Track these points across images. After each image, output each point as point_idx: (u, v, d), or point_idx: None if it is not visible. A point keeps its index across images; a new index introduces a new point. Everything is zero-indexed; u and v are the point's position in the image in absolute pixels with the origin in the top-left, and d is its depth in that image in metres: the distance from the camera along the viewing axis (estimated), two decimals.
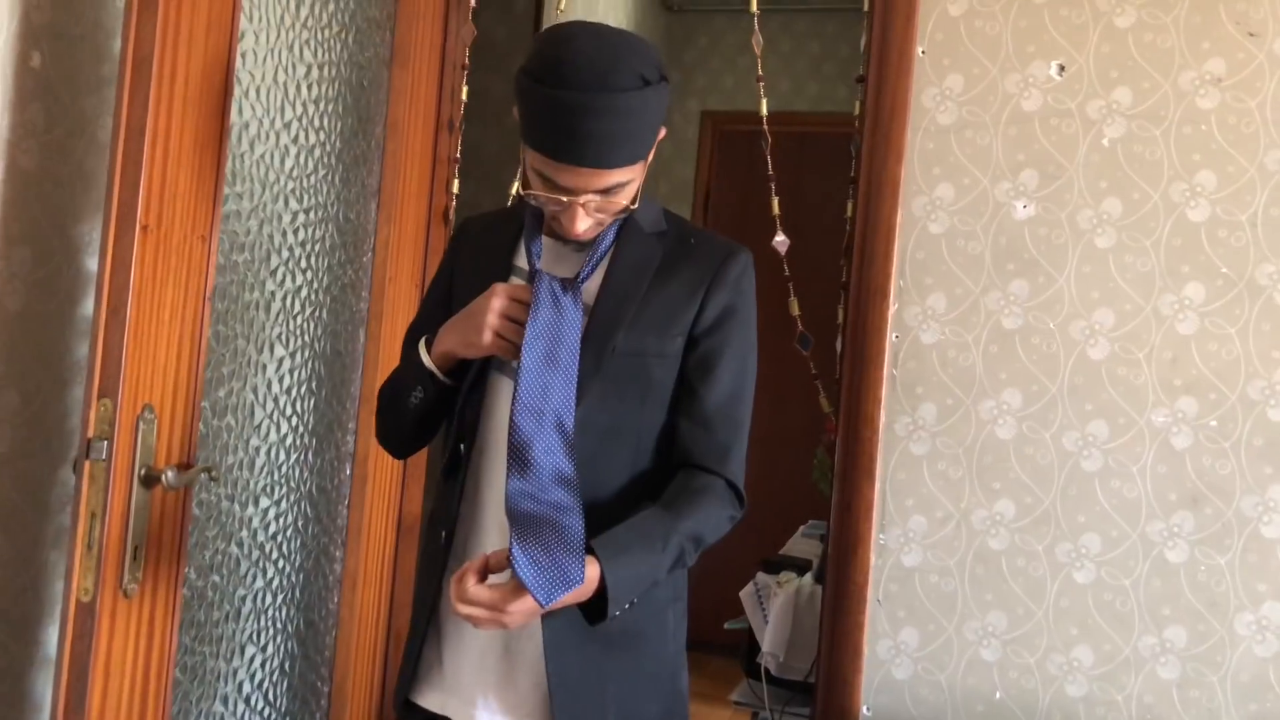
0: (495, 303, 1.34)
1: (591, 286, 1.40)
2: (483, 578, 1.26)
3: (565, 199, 1.31)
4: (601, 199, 1.32)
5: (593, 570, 1.25)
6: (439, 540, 1.42)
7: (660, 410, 1.41)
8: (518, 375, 1.33)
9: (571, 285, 1.36)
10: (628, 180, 1.32)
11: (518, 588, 1.21)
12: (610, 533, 1.29)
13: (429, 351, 1.41)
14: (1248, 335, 1.86)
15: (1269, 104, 1.87)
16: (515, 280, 1.42)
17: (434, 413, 1.45)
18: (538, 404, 1.33)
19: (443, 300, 1.50)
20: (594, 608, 1.28)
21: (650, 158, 1.37)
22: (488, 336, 1.33)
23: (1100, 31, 1.94)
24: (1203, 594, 1.86)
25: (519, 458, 1.31)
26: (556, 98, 1.24)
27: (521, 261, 1.44)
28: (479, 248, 1.51)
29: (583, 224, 1.33)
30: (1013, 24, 1.98)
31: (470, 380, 1.42)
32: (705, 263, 1.43)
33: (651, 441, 1.42)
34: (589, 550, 1.27)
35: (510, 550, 1.23)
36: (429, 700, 1.41)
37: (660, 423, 1.42)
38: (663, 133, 1.39)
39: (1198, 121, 1.90)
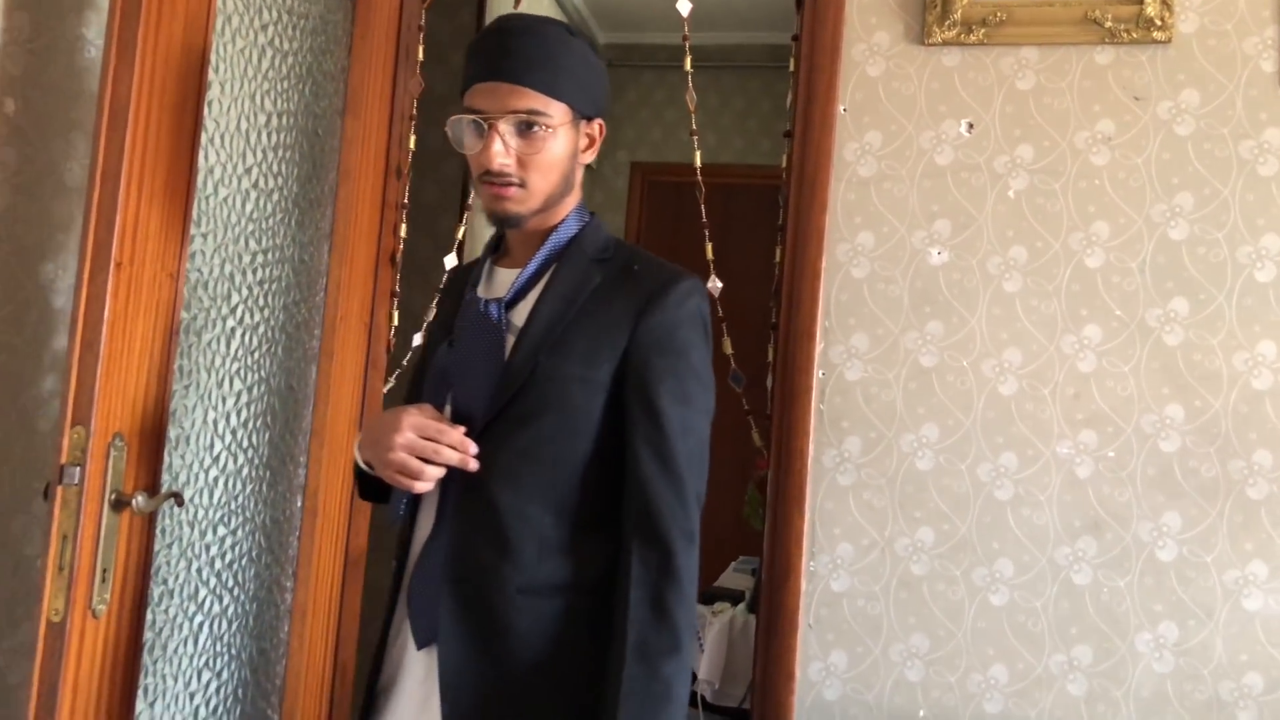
0: (400, 438, 1.33)
1: (525, 309, 1.41)
2: None
3: (484, 123, 1.34)
4: (518, 136, 1.35)
5: None
6: (394, 594, 1.47)
7: (583, 439, 1.36)
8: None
9: (497, 303, 1.40)
10: (546, 115, 1.35)
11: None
12: None
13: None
14: (1140, 373, 2.00)
15: (1153, 162, 2.01)
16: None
17: (385, 489, 1.46)
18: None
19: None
20: None
21: (579, 133, 1.41)
22: (390, 470, 1.34)
23: (1004, 94, 2.09)
24: (1105, 615, 1.95)
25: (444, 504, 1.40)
26: (488, 31, 1.38)
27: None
28: (450, 291, 1.60)
29: (499, 156, 1.34)
30: (925, 85, 2.12)
31: None
32: (642, 290, 1.37)
33: (571, 470, 1.36)
34: None
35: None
36: None
37: (584, 452, 1.36)
38: (600, 130, 1.45)
39: (1091, 176, 2.03)
